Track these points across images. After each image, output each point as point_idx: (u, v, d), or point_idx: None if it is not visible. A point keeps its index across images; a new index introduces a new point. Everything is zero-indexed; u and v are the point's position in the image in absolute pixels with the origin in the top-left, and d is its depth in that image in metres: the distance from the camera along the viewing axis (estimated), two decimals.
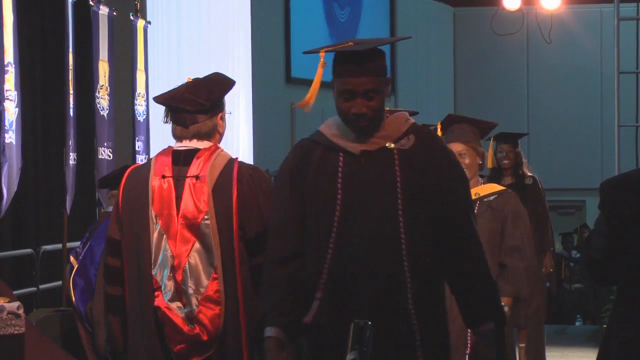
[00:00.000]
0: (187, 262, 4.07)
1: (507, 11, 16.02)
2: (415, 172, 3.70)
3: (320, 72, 3.79)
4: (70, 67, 8.56)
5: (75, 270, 5.81)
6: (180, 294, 4.07)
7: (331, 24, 15.93)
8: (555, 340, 10.88)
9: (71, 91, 8.55)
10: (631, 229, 3.69)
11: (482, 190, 5.58)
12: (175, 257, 4.07)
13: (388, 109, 3.91)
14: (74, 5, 8.79)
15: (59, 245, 8.60)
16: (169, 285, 4.08)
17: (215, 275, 4.06)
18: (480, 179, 5.71)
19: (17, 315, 5.96)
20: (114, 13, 9.30)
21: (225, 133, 4.34)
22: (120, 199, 4.21)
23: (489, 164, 8.59)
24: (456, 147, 5.42)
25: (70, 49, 8.60)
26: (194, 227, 4.08)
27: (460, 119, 5.68)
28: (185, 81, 4.28)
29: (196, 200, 4.10)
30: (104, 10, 9.10)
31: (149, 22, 10.27)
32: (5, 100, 7.55)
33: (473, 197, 5.29)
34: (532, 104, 18.65)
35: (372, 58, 3.71)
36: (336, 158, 3.73)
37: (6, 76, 7.57)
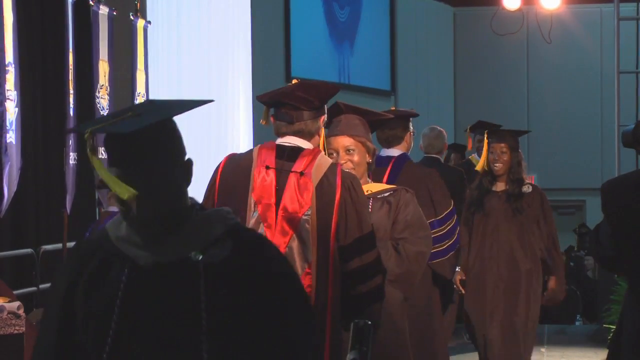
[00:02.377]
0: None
1: (507, 11, 16.02)
2: (229, 296, 2.55)
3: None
4: (70, 67, 8.57)
5: None
6: None
7: (331, 24, 15.94)
8: (555, 340, 10.88)
9: (71, 91, 8.55)
10: (633, 229, 3.72)
11: (373, 187, 5.00)
12: None
13: (394, 108, 3.77)
14: (74, 5, 8.79)
15: (59, 245, 8.59)
16: None
17: (308, 270, 4.14)
18: (368, 179, 5.00)
19: (17, 315, 5.96)
20: (114, 13, 9.30)
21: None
22: (217, 184, 4.27)
23: (478, 166, 7.24)
24: (344, 142, 4.84)
25: (70, 49, 8.61)
26: (293, 221, 4.16)
27: (350, 108, 4.91)
28: (292, 83, 4.39)
29: (299, 195, 4.18)
30: (103, 10, 9.10)
31: (149, 22, 10.27)
32: (6, 100, 7.56)
33: (365, 193, 4.75)
34: (532, 104, 18.65)
35: (141, 141, 2.49)
36: (119, 271, 2.58)
37: (6, 76, 7.57)
